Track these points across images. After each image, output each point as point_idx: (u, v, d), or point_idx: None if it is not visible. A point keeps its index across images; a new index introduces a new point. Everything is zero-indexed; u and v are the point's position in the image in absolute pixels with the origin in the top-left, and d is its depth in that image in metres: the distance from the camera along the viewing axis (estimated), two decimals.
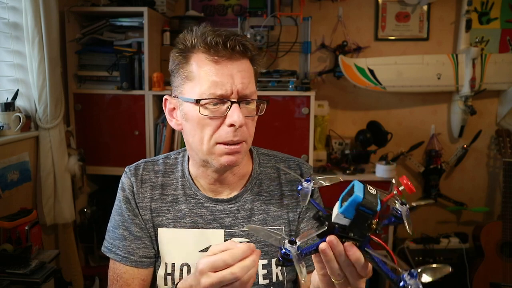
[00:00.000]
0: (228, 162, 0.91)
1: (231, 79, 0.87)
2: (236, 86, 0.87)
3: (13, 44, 1.95)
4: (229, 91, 0.87)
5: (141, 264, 1.00)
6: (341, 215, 0.64)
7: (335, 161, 2.56)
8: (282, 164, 1.06)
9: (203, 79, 0.88)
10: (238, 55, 0.88)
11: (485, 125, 2.74)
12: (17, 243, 1.63)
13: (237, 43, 0.87)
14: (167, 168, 1.04)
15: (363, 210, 0.62)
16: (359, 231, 0.65)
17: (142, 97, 2.30)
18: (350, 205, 0.63)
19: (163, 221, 1.00)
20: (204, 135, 0.90)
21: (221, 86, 0.87)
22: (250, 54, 0.91)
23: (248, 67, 0.91)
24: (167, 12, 2.49)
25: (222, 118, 0.88)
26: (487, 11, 2.66)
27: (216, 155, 0.91)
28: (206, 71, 0.88)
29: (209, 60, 0.88)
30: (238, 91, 0.88)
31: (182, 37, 0.92)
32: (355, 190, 0.63)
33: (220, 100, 0.87)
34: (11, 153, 1.86)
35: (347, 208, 0.63)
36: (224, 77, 0.87)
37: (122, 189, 1.02)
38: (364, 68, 2.55)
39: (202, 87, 0.88)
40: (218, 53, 0.87)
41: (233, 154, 0.91)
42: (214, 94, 0.87)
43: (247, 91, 0.89)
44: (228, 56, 0.87)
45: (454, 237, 2.63)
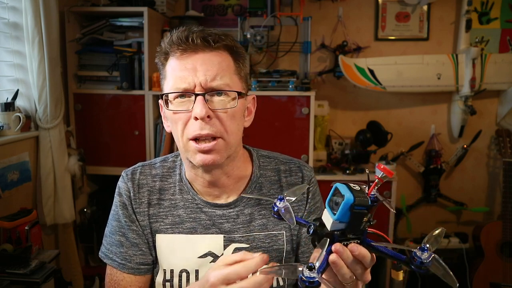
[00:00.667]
0: (203, 161, 0.88)
1: (193, 72, 0.86)
2: (199, 78, 0.86)
3: (13, 44, 1.95)
4: (192, 84, 0.86)
5: (138, 271, 0.98)
6: (337, 222, 0.64)
7: (335, 161, 2.56)
8: (283, 167, 1.04)
9: (171, 76, 0.89)
10: (202, 47, 0.87)
11: (485, 125, 2.74)
12: (17, 243, 1.63)
13: (198, 36, 0.86)
14: (164, 171, 1.02)
15: (358, 209, 0.62)
16: (357, 229, 0.65)
17: (142, 97, 2.30)
18: (344, 209, 0.62)
19: (161, 226, 0.98)
20: (177, 131, 0.89)
21: (183, 79, 0.86)
22: (220, 44, 0.88)
23: (220, 60, 0.88)
24: (167, 12, 2.49)
25: (190, 112, 0.86)
26: (487, 11, 2.66)
27: (191, 153, 0.89)
28: (172, 67, 0.89)
29: (175, 57, 0.89)
30: (201, 84, 0.86)
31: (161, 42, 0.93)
32: (343, 193, 0.63)
33: (185, 93, 0.87)
34: (11, 153, 1.86)
35: (342, 213, 0.63)
36: (186, 71, 0.86)
37: (119, 194, 1.00)
38: (364, 68, 2.55)
39: (169, 83, 0.89)
40: (182, 48, 0.87)
41: (207, 153, 0.87)
42: (178, 88, 0.87)
43: (215, 83, 0.86)
44: (192, 49, 0.87)
45: (454, 237, 2.62)
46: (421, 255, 0.61)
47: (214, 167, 0.92)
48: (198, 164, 0.89)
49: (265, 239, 0.98)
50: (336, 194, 0.65)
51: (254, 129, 0.97)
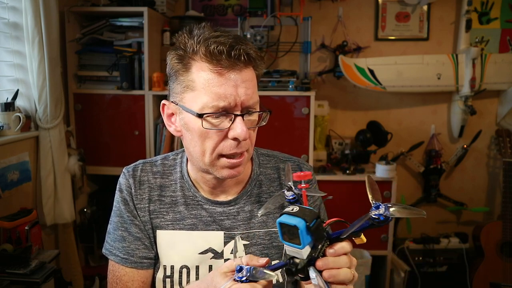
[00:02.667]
0: (230, 176, 0.91)
1: (235, 91, 0.83)
2: (240, 98, 0.84)
3: (13, 44, 1.95)
4: (233, 103, 0.83)
5: (141, 265, 0.99)
6: (307, 247, 0.65)
7: (335, 161, 2.56)
8: (283, 165, 1.05)
9: (206, 91, 0.83)
10: (242, 64, 0.84)
11: (485, 125, 2.74)
12: (17, 243, 1.63)
13: (242, 53, 0.82)
14: (165, 169, 1.03)
15: (314, 224, 0.64)
16: (323, 236, 0.67)
17: (142, 97, 2.30)
18: (304, 234, 0.64)
19: (162, 223, 0.99)
20: (206, 148, 0.88)
21: (224, 98, 0.83)
22: (253, 63, 0.87)
23: (252, 75, 0.87)
24: (167, 12, 2.49)
25: (226, 131, 0.86)
26: (487, 11, 2.66)
27: (218, 167, 0.90)
28: (209, 82, 0.83)
29: (211, 71, 0.83)
30: (242, 103, 0.84)
31: (182, 41, 0.87)
32: (291, 223, 0.64)
33: (223, 113, 0.84)
34: (11, 153, 1.86)
35: (305, 238, 0.64)
36: (227, 89, 0.83)
37: (120, 190, 1.01)
38: (364, 68, 2.55)
39: (204, 98, 0.84)
40: (221, 63, 0.82)
41: (234, 168, 0.90)
42: (217, 106, 0.83)
43: (251, 101, 0.86)
44: (232, 66, 0.83)
45: (454, 237, 2.62)
46: (379, 212, 0.62)
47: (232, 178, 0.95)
48: (224, 177, 0.91)
49: (265, 236, 0.99)
50: (284, 230, 0.66)
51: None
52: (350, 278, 0.70)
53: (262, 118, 0.91)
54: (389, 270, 2.50)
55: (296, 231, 0.63)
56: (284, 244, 0.67)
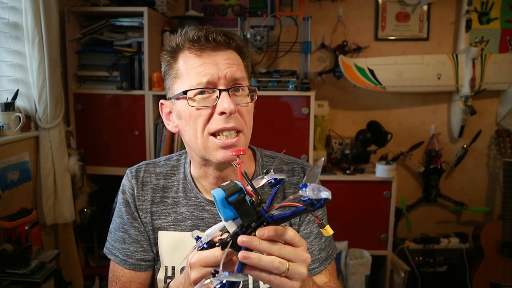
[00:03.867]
0: (225, 158, 0.87)
1: (216, 67, 0.87)
2: (223, 71, 0.86)
3: (13, 44, 1.95)
4: (216, 77, 0.86)
5: (139, 267, 1.00)
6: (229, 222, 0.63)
7: (335, 161, 2.56)
8: (286, 167, 1.04)
9: (190, 73, 0.88)
10: (222, 46, 0.88)
11: (485, 125, 2.74)
12: (17, 243, 1.63)
13: (218, 34, 0.87)
14: (168, 170, 1.03)
15: (234, 199, 0.61)
16: (252, 215, 0.62)
17: (142, 97, 2.30)
18: (222, 207, 0.62)
19: (164, 224, 0.99)
20: (196, 127, 0.88)
21: (206, 73, 0.86)
22: (234, 44, 0.90)
23: (235, 57, 0.91)
24: (167, 12, 2.49)
25: (212, 108, 0.86)
26: (487, 11, 2.66)
27: (211, 150, 0.88)
28: (192, 64, 0.88)
29: (193, 54, 0.88)
30: (225, 77, 0.86)
31: (169, 39, 0.93)
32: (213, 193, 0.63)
33: (209, 88, 0.86)
34: (11, 153, 1.86)
35: (224, 212, 0.62)
36: (209, 66, 0.87)
37: (123, 192, 1.02)
38: (364, 68, 2.55)
39: (189, 80, 0.87)
40: (201, 46, 0.87)
41: (229, 148, 0.87)
42: (201, 83, 0.86)
43: (236, 75, 0.88)
44: (212, 47, 0.87)
45: (454, 237, 2.62)
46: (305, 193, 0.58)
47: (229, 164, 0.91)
48: (219, 161, 0.88)
49: None
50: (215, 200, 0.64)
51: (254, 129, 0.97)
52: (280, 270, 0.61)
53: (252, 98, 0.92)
54: (389, 270, 2.50)
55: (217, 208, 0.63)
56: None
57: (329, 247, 1.03)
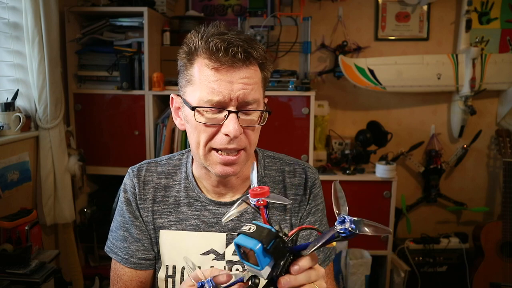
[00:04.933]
0: (223, 173, 0.89)
1: (230, 86, 0.84)
2: (236, 93, 0.84)
3: (13, 44, 1.95)
4: (227, 98, 0.84)
5: (140, 266, 1.00)
6: (266, 268, 0.62)
7: (335, 161, 2.56)
8: (288, 168, 1.04)
9: (202, 85, 0.85)
10: (240, 62, 0.84)
11: (485, 125, 2.74)
12: (17, 243, 1.63)
13: (239, 50, 0.82)
14: (170, 169, 1.03)
15: (271, 246, 0.61)
16: (285, 254, 0.63)
17: (142, 97, 2.30)
18: (262, 256, 0.60)
19: (165, 223, 0.99)
20: (200, 140, 0.88)
21: (218, 92, 0.83)
22: (255, 61, 0.87)
23: (253, 74, 0.87)
24: (167, 12, 2.49)
25: (219, 126, 0.86)
26: (487, 11, 2.66)
27: (211, 163, 0.90)
28: (206, 77, 0.85)
29: (210, 66, 0.84)
30: (237, 98, 0.84)
31: (189, 37, 0.90)
32: (248, 246, 0.60)
33: (218, 108, 0.85)
34: (11, 153, 1.86)
35: (263, 260, 0.61)
36: (222, 84, 0.84)
37: (124, 191, 1.02)
38: (364, 68, 2.55)
39: (201, 93, 0.85)
40: (220, 60, 0.83)
41: (229, 165, 0.88)
42: (211, 101, 0.84)
43: (249, 98, 0.85)
44: (230, 63, 0.83)
45: (454, 237, 2.62)
46: (344, 226, 0.59)
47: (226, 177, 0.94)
48: (218, 174, 0.91)
49: None
50: (242, 250, 0.63)
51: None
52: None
53: (262, 118, 0.90)
54: (389, 270, 2.50)
55: (252, 256, 0.60)
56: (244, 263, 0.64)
57: (327, 249, 1.03)
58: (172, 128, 2.34)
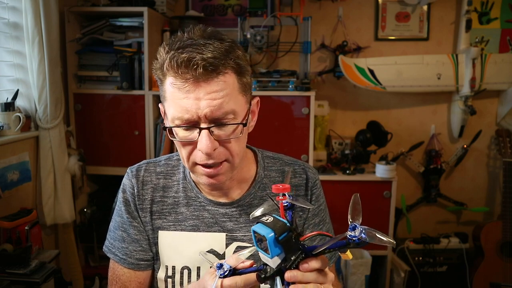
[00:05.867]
0: (209, 184, 0.90)
1: (197, 104, 0.80)
2: (203, 111, 0.80)
3: (13, 44, 1.95)
4: (195, 116, 0.81)
5: (138, 267, 1.00)
6: (276, 258, 0.66)
7: (335, 161, 2.56)
8: (288, 168, 1.04)
9: (173, 102, 0.83)
10: (205, 76, 0.79)
11: (485, 125, 2.74)
12: (17, 243, 1.63)
13: (201, 63, 0.77)
14: (169, 169, 1.03)
15: (283, 237, 0.64)
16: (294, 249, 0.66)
17: (142, 97, 2.30)
18: (272, 245, 0.64)
19: (164, 223, 0.99)
20: (183, 155, 0.89)
21: (186, 111, 0.81)
22: (228, 69, 0.82)
23: (223, 85, 0.81)
24: (167, 12, 2.49)
25: (195, 143, 0.85)
26: (487, 11, 2.66)
27: (198, 175, 0.90)
28: (174, 94, 0.82)
29: (176, 84, 0.81)
30: (206, 116, 0.81)
31: (159, 50, 0.86)
32: (262, 233, 0.65)
33: (189, 126, 0.83)
34: (11, 153, 1.86)
35: (273, 249, 0.65)
36: (189, 102, 0.80)
37: (123, 191, 1.02)
38: (364, 68, 2.55)
39: (172, 110, 0.84)
40: (183, 76, 0.80)
41: (213, 177, 0.88)
42: (181, 118, 0.82)
43: (219, 113, 0.81)
44: (193, 79, 0.79)
45: (454, 237, 2.62)
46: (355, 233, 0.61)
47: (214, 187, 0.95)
48: (205, 185, 0.92)
49: None
50: (257, 237, 0.67)
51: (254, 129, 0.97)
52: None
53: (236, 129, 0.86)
54: (389, 270, 2.50)
55: (264, 243, 0.65)
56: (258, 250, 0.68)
57: None
58: None
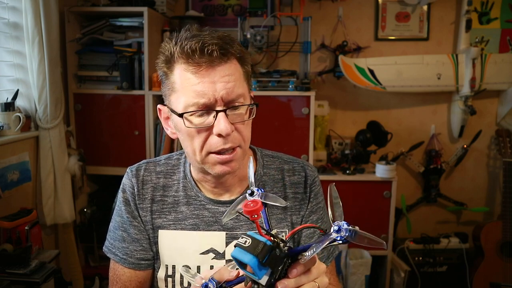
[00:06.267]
0: (223, 172, 0.90)
1: (214, 86, 0.83)
2: (219, 93, 0.83)
3: (13, 44, 1.95)
4: (213, 99, 0.84)
5: (139, 266, 1.00)
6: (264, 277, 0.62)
7: (335, 161, 2.56)
8: (287, 166, 1.05)
9: (186, 90, 0.85)
10: (218, 60, 0.84)
11: (485, 125, 2.74)
12: (17, 243, 1.63)
13: (215, 48, 0.82)
14: (169, 169, 1.04)
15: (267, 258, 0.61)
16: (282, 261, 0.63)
17: (142, 97, 2.30)
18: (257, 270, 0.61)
19: (164, 222, 0.99)
20: (195, 146, 0.89)
21: (203, 95, 0.83)
22: (233, 56, 0.87)
23: (233, 69, 0.87)
24: (167, 12, 2.49)
25: (210, 128, 0.86)
26: (487, 11, 2.66)
27: (210, 164, 0.90)
28: (188, 80, 0.85)
29: (189, 70, 0.84)
30: (222, 98, 0.84)
31: (163, 45, 0.89)
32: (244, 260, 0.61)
33: (205, 110, 0.85)
34: (11, 153, 1.86)
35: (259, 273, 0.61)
36: (205, 86, 0.83)
37: (123, 190, 1.02)
38: (364, 68, 2.55)
39: (186, 98, 0.85)
40: (197, 61, 0.83)
41: (227, 164, 0.89)
42: (197, 104, 0.84)
43: (233, 95, 0.85)
44: (208, 62, 0.83)
45: (454, 237, 2.62)
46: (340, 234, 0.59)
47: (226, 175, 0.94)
48: (217, 174, 0.91)
49: None
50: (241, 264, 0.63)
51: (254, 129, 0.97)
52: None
53: (251, 111, 0.91)
54: (389, 270, 2.50)
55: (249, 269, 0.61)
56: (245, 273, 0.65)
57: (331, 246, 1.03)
58: None
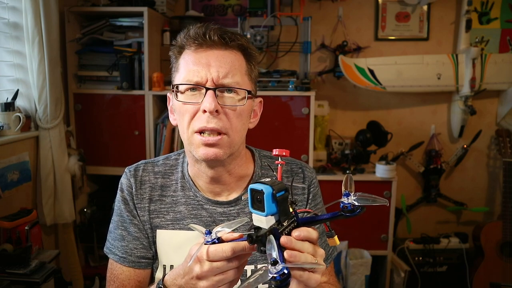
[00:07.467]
0: (205, 155, 0.89)
1: (207, 67, 0.88)
2: (212, 74, 0.88)
3: (13, 44, 1.95)
4: (204, 79, 0.88)
5: (139, 265, 1.00)
6: (270, 217, 0.66)
7: (335, 161, 2.56)
8: (285, 167, 1.04)
9: (184, 68, 0.91)
10: (218, 45, 0.90)
11: (485, 125, 2.74)
12: (17, 243, 1.63)
13: (215, 33, 0.89)
14: (167, 169, 1.04)
15: (280, 195, 0.65)
16: (288, 213, 0.68)
17: (142, 97, 2.30)
18: (269, 201, 0.65)
19: (162, 222, 0.99)
20: (184, 123, 0.91)
21: (196, 73, 0.88)
22: (234, 43, 0.91)
23: (233, 59, 0.91)
24: (167, 12, 2.49)
25: (199, 105, 0.88)
26: (487, 11, 2.66)
27: (194, 146, 0.90)
28: (188, 60, 0.91)
29: (191, 52, 0.91)
30: (213, 79, 0.88)
31: (178, 36, 0.95)
32: (260, 188, 0.65)
33: (197, 86, 0.89)
34: (11, 153, 1.86)
35: (269, 205, 0.65)
36: (200, 65, 0.89)
37: (121, 190, 1.02)
38: (364, 68, 2.55)
39: (181, 75, 0.91)
40: (199, 43, 0.90)
41: (210, 147, 0.88)
42: (190, 80, 0.89)
43: (226, 80, 0.89)
44: (208, 44, 0.90)
45: (454, 237, 2.62)
46: (348, 200, 0.64)
47: (217, 163, 0.93)
48: (201, 157, 0.90)
49: None
50: (254, 195, 0.67)
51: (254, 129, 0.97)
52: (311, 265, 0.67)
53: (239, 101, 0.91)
54: (389, 270, 2.50)
55: (262, 197, 0.65)
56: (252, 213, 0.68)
57: (330, 246, 1.03)
58: (172, 128, 2.34)
